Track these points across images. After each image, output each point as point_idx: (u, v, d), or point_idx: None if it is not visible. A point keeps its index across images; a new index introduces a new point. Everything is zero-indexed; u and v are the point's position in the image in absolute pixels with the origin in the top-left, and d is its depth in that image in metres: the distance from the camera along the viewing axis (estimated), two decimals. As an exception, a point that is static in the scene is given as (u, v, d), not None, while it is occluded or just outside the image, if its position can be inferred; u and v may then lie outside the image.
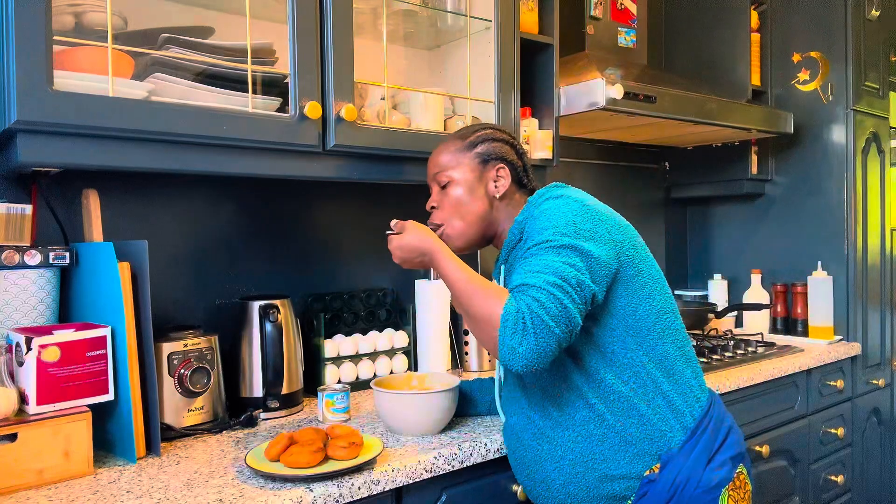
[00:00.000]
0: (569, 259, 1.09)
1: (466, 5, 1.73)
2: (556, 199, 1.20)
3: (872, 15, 2.51)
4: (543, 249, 1.11)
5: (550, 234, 1.12)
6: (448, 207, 1.31)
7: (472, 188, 1.31)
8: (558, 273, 1.07)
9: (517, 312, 1.04)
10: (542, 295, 1.04)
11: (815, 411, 2.26)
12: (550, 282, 1.06)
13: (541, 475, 1.19)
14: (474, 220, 1.31)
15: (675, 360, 1.18)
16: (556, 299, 1.05)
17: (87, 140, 1.14)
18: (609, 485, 1.13)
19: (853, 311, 2.44)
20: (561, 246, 1.11)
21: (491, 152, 1.31)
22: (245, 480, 1.10)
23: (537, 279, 1.07)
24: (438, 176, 1.33)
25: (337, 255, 1.85)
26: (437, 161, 1.33)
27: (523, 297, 1.05)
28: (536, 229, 1.16)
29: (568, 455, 1.16)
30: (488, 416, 1.47)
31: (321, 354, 1.66)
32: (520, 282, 1.08)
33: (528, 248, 1.15)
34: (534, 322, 1.03)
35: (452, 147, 1.33)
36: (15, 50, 1.05)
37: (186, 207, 1.59)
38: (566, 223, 1.14)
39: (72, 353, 1.16)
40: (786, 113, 2.41)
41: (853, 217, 2.45)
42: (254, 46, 1.35)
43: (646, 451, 1.13)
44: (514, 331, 1.03)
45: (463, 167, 1.31)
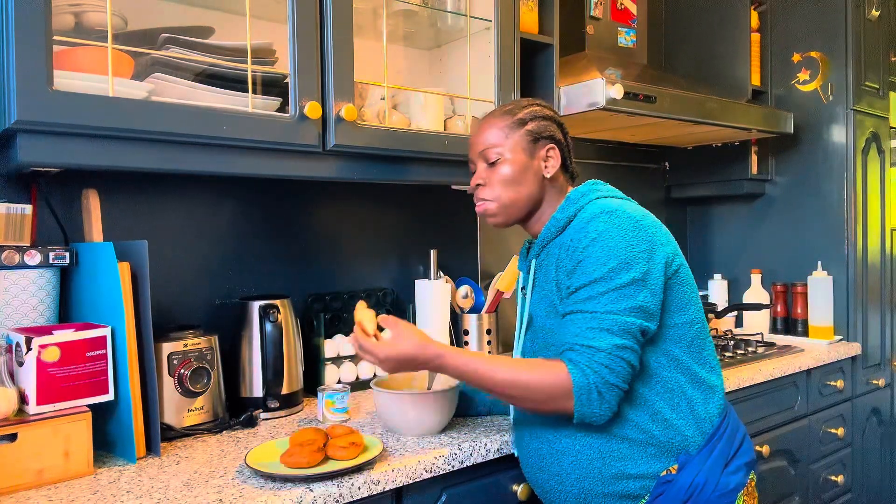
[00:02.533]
0: (632, 303, 1.10)
1: (466, 5, 1.73)
2: (608, 214, 1.15)
3: (872, 15, 2.51)
4: (607, 293, 1.10)
5: (611, 270, 1.11)
6: (497, 185, 1.26)
7: (524, 167, 1.25)
8: (626, 329, 1.09)
9: (587, 384, 1.07)
10: (609, 361, 1.08)
11: (815, 411, 2.26)
12: (619, 345, 1.08)
13: (556, 468, 1.19)
14: (524, 199, 1.27)
15: (700, 368, 1.19)
16: (624, 362, 1.09)
17: (87, 140, 1.14)
18: (625, 483, 1.13)
19: (853, 311, 2.44)
20: (625, 285, 1.10)
21: (541, 130, 1.27)
22: (245, 480, 1.10)
23: (604, 341, 1.08)
24: (486, 152, 1.27)
25: (337, 255, 1.85)
26: (485, 137, 1.27)
27: (591, 366, 1.07)
28: (593, 258, 1.12)
29: (586, 450, 1.15)
30: (488, 416, 1.47)
31: (321, 354, 1.66)
32: (586, 343, 1.09)
33: (587, 283, 1.12)
34: (607, 389, 1.08)
35: (501, 123, 1.27)
36: (15, 50, 1.05)
37: (186, 207, 1.59)
38: (624, 249, 1.12)
39: (72, 353, 1.16)
40: (786, 113, 2.41)
41: (853, 217, 2.45)
42: (254, 46, 1.35)
43: (664, 452, 1.14)
44: (590, 402, 1.08)
45: (514, 144, 1.25)
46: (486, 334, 1.95)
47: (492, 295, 1.99)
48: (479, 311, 1.97)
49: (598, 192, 1.24)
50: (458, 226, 2.12)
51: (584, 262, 1.13)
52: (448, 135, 1.62)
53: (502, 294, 1.99)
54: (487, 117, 1.30)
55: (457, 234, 2.11)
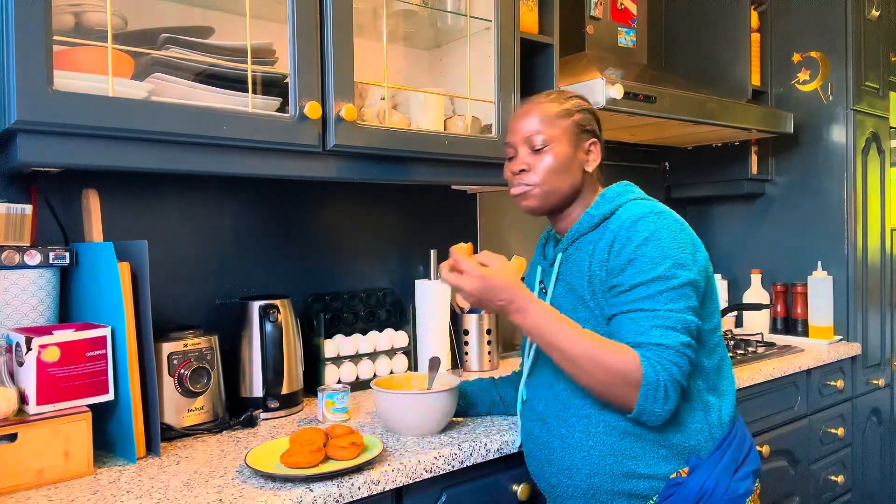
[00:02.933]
0: (689, 302, 1.12)
1: (466, 5, 1.73)
2: (657, 215, 1.16)
3: (872, 15, 2.51)
4: (665, 292, 1.11)
5: (667, 270, 1.11)
6: (542, 172, 1.24)
7: (570, 157, 1.25)
8: (687, 328, 1.11)
9: (657, 381, 1.07)
10: (678, 358, 1.09)
11: (815, 411, 2.26)
12: (685, 342, 1.10)
13: (566, 462, 1.18)
14: (566, 189, 1.25)
15: (717, 375, 1.20)
16: (688, 360, 1.10)
17: (87, 140, 1.14)
18: (634, 482, 1.13)
19: (853, 311, 2.44)
20: (681, 285, 1.11)
21: (585, 123, 1.27)
22: (245, 480, 1.10)
23: (673, 339, 1.09)
24: (533, 138, 1.24)
25: (337, 255, 1.85)
26: (533, 122, 1.25)
27: (662, 362, 1.08)
28: (647, 258, 1.12)
29: (599, 446, 1.15)
30: (488, 416, 1.47)
31: (321, 354, 1.66)
32: (654, 340, 1.09)
33: (643, 283, 1.11)
34: (674, 388, 1.08)
35: (550, 110, 1.25)
36: (15, 50, 1.05)
37: (186, 207, 1.59)
38: (677, 250, 1.13)
39: (72, 353, 1.16)
40: (786, 113, 2.41)
41: (853, 217, 2.45)
42: (254, 46, 1.35)
43: (676, 454, 1.14)
44: (655, 398, 1.08)
45: (562, 134, 1.24)
46: (487, 334, 1.95)
47: (492, 295, 1.98)
48: (479, 311, 1.97)
49: (634, 194, 1.25)
50: (458, 226, 2.12)
51: (637, 261, 1.12)
52: (448, 135, 1.62)
53: (502, 294, 1.98)
54: (532, 104, 1.28)
55: (457, 234, 2.11)
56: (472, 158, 1.65)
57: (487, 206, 2.19)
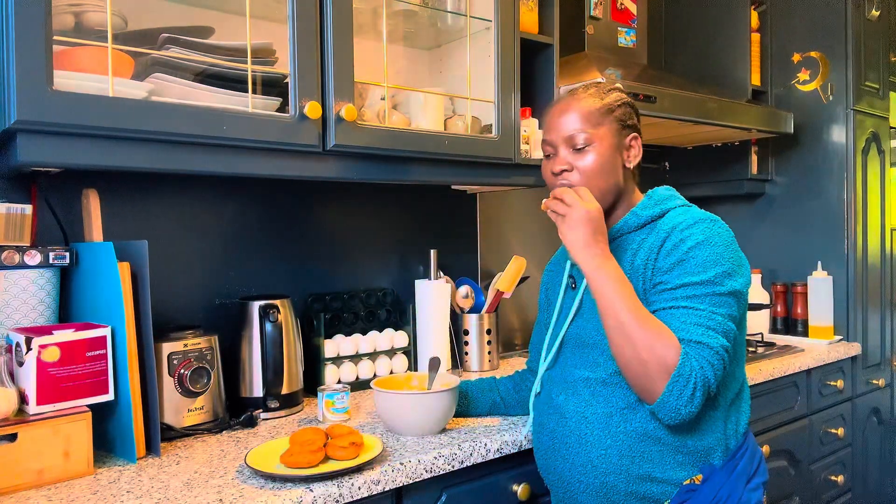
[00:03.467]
0: (731, 311, 1.11)
1: (466, 5, 1.73)
2: (712, 222, 1.16)
3: (872, 15, 2.51)
4: (710, 296, 1.10)
5: (716, 276, 1.10)
6: (586, 171, 1.20)
7: (613, 154, 1.21)
8: (728, 333, 1.10)
9: (690, 375, 1.05)
10: (716, 360, 1.07)
11: (815, 411, 2.26)
12: (724, 346, 1.08)
13: (582, 458, 1.17)
14: (611, 188, 1.22)
15: (736, 386, 1.20)
16: (724, 364, 1.09)
17: (87, 140, 1.14)
18: (648, 485, 1.13)
19: (853, 311, 2.44)
20: (727, 293, 1.11)
21: (627, 118, 1.23)
22: (245, 480, 1.10)
23: (715, 340, 1.08)
24: (575, 136, 1.20)
25: (337, 255, 1.85)
26: (573, 121, 1.21)
27: (699, 360, 1.06)
28: (698, 260, 1.11)
29: (617, 446, 1.14)
30: (488, 416, 1.47)
31: (321, 354, 1.66)
32: (695, 338, 1.07)
33: (690, 283, 1.10)
34: (703, 390, 1.06)
35: (591, 106, 1.21)
36: (15, 50, 1.05)
37: (186, 207, 1.59)
38: (729, 260, 1.12)
39: (72, 353, 1.16)
40: (786, 113, 2.41)
41: (853, 217, 2.45)
42: (254, 46, 1.35)
43: (692, 461, 1.13)
44: (681, 395, 1.05)
45: (605, 132, 1.21)
46: (486, 334, 1.95)
47: (492, 295, 1.99)
48: (479, 311, 1.97)
49: (681, 200, 1.24)
50: (458, 226, 2.12)
51: (687, 262, 1.12)
52: (448, 135, 1.62)
53: (502, 294, 1.99)
54: (572, 100, 1.23)
55: (457, 234, 2.11)
56: (472, 158, 1.65)
57: (487, 206, 2.19)
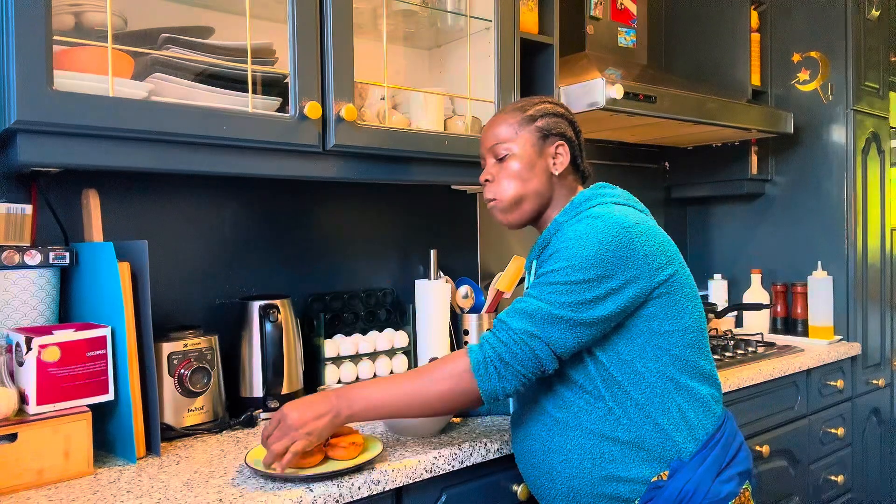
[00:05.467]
0: (577, 297, 1.10)
1: (466, 5, 1.73)
2: (593, 219, 1.15)
3: (872, 15, 2.51)
4: (553, 284, 1.10)
5: (568, 266, 1.10)
6: (504, 181, 1.27)
7: (532, 163, 1.26)
8: (546, 320, 1.09)
9: (485, 360, 1.09)
10: (513, 343, 1.09)
11: (815, 411, 2.26)
12: (530, 332, 1.09)
13: (546, 466, 1.18)
14: (531, 195, 1.26)
15: (692, 377, 1.17)
16: (529, 349, 1.09)
17: (87, 140, 1.14)
18: (614, 485, 1.13)
19: (853, 311, 2.44)
20: (574, 282, 1.09)
21: (551, 127, 1.27)
22: (245, 480, 1.10)
23: (517, 323, 1.10)
24: (496, 148, 1.27)
25: (337, 255, 1.85)
26: (495, 132, 1.28)
27: (491, 341, 1.10)
28: (559, 254, 1.13)
29: (577, 450, 1.15)
30: (488, 416, 1.47)
31: (321, 354, 1.66)
32: (501, 318, 1.11)
33: (542, 275, 1.13)
34: (505, 368, 1.09)
35: (511, 119, 1.27)
36: (15, 50, 1.05)
37: (186, 207, 1.59)
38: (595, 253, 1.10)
39: (72, 353, 1.16)
40: (786, 113, 2.41)
41: (853, 217, 2.45)
42: (254, 46, 1.35)
43: (656, 457, 1.12)
44: (488, 375, 1.09)
45: (523, 140, 1.26)
46: (486, 334, 1.94)
47: (492, 295, 1.99)
48: (479, 311, 1.97)
49: (602, 198, 1.23)
50: (458, 226, 2.12)
51: (551, 258, 1.14)
52: (448, 135, 1.62)
53: (502, 294, 1.99)
54: (498, 114, 1.30)
55: (457, 234, 2.11)
56: (472, 158, 1.65)
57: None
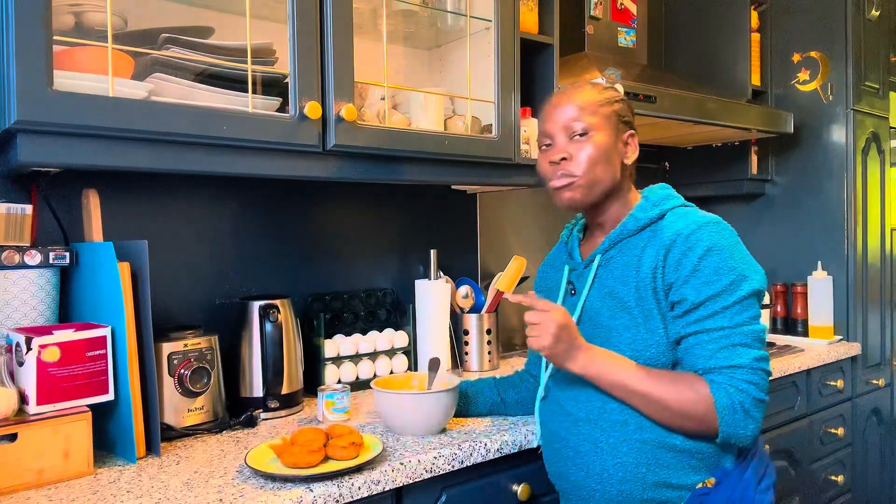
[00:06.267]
0: (755, 310, 1.11)
1: (466, 5, 1.73)
2: (715, 224, 1.14)
3: (872, 15, 2.51)
4: (731, 306, 1.09)
5: (731, 283, 1.09)
6: (584, 161, 1.19)
7: (611, 146, 1.20)
8: (757, 338, 1.10)
9: (733, 405, 1.06)
10: (752, 376, 1.07)
11: (815, 411, 2.26)
12: (757, 357, 1.08)
13: (598, 467, 1.15)
14: (608, 180, 1.21)
15: None
16: (764, 373, 1.09)
17: (87, 140, 1.14)
18: (663, 491, 1.12)
19: (853, 311, 2.44)
20: (747, 295, 1.10)
21: (625, 114, 1.24)
22: (245, 480, 1.10)
23: (745, 356, 1.08)
24: (574, 124, 1.19)
25: (337, 255, 1.85)
26: (573, 108, 1.20)
27: (734, 384, 1.07)
28: (710, 270, 1.10)
29: (633, 454, 1.13)
30: (488, 416, 1.47)
31: (321, 354, 1.66)
32: (724, 363, 1.08)
33: (709, 298, 1.09)
34: (754, 405, 1.07)
35: (590, 98, 1.21)
36: (15, 50, 1.05)
37: (186, 207, 1.59)
38: (739, 261, 1.11)
39: (72, 353, 1.16)
40: (786, 113, 2.41)
41: (853, 217, 2.45)
42: (254, 46, 1.35)
43: (703, 465, 1.13)
44: (735, 422, 1.07)
45: (604, 121, 1.20)
46: (486, 334, 1.95)
47: (492, 295, 1.99)
48: (479, 311, 1.97)
49: (679, 199, 1.23)
50: (458, 226, 2.12)
51: (700, 273, 1.10)
52: (448, 135, 1.62)
53: (502, 294, 1.99)
54: (571, 91, 1.23)
55: (457, 234, 2.11)
56: (472, 158, 1.65)
57: (487, 206, 2.19)
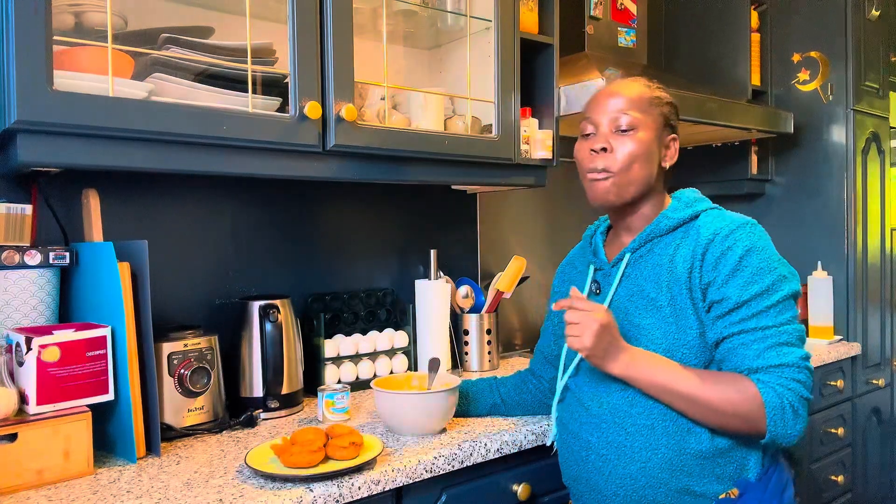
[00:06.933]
0: (794, 312, 1.11)
1: (466, 5, 1.73)
2: (751, 226, 1.14)
3: (872, 15, 2.51)
4: (773, 306, 1.09)
5: (773, 283, 1.10)
6: (624, 156, 1.16)
7: (652, 146, 1.18)
8: (802, 336, 1.10)
9: (781, 404, 1.05)
10: (799, 374, 1.07)
11: (815, 411, 2.26)
12: (802, 356, 1.08)
13: (621, 471, 1.14)
14: (644, 180, 1.18)
15: None
16: (809, 372, 1.09)
17: (87, 140, 1.14)
18: (687, 498, 1.11)
19: (853, 311, 2.44)
20: (786, 297, 1.10)
21: (671, 117, 1.22)
22: (245, 480, 1.10)
23: (791, 354, 1.07)
24: (621, 118, 1.17)
25: (337, 255, 1.85)
26: (624, 101, 1.18)
27: (782, 383, 1.06)
28: (751, 270, 1.09)
29: (657, 459, 1.12)
30: (488, 416, 1.47)
31: (321, 354, 1.66)
32: (773, 362, 1.07)
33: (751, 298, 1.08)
34: (802, 404, 1.07)
35: (641, 93, 1.19)
36: (15, 50, 1.05)
37: (186, 207, 1.59)
38: (778, 262, 1.12)
39: (72, 353, 1.16)
40: (786, 113, 2.41)
41: (853, 217, 2.45)
42: (254, 46, 1.35)
43: (728, 474, 1.12)
44: (784, 421, 1.06)
45: (651, 120, 1.18)
46: (487, 334, 1.95)
47: (492, 295, 1.99)
48: (479, 311, 1.97)
49: (709, 202, 1.22)
50: (458, 226, 2.12)
51: (742, 272, 1.10)
52: (448, 135, 1.62)
53: (502, 294, 1.99)
54: (623, 84, 1.21)
55: (457, 234, 2.11)
56: (472, 158, 1.65)
57: (487, 206, 2.19)
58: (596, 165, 1.19)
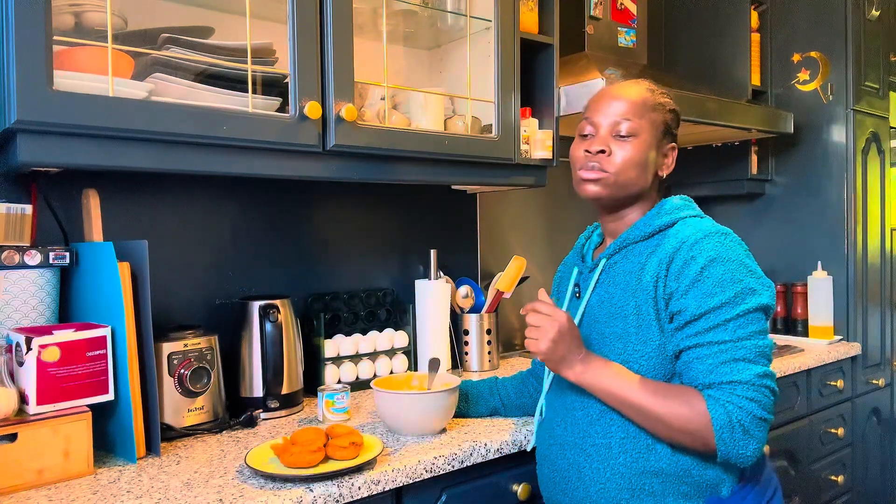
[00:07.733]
0: (759, 326, 1.05)
1: (466, 5, 1.73)
2: (723, 235, 1.10)
3: (872, 15, 2.51)
4: (733, 319, 1.04)
5: (735, 295, 1.05)
6: (623, 161, 1.15)
7: (651, 154, 1.17)
8: (761, 354, 1.04)
9: (731, 423, 1.00)
10: (754, 393, 1.01)
11: (815, 411, 2.26)
12: (760, 373, 1.02)
13: (581, 493, 1.13)
14: (638, 186, 1.17)
15: None
16: (768, 390, 1.03)
17: (87, 140, 1.14)
18: None
19: (853, 311, 2.44)
20: (754, 309, 1.05)
21: (673, 126, 1.20)
22: (245, 480, 1.10)
23: (746, 371, 1.02)
24: (621, 122, 1.16)
25: (337, 255, 1.85)
26: (626, 107, 1.16)
27: (733, 401, 1.01)
28: (713, 280, 1.05)
29: (616, 479, 1.09)
30: (488, 416, 1.47)
31: (321, 354, 1.66)
32: (724, 378, 1.02)
33: (711, 310, 1.04)
34: (755, 424, 1.01)
35: (646, 100, 1.17)
36: (15, 50, 1.05)
37: (186, 207, 1.59)
38: (747, 274, 1.07)
39: (72, 353, 1.16)
40: (786, 113, 2.41)
41: (853, 217, 2.45)
42: (254, 46, 1.35)
43: (695, 492, 1.08)
44: (734, 441, 1.01)
45: (650, 127, 1.17)
46: (487, 334, 1.95)
47: (492, 295, 1.99)
48: (479, 311, 1.97)
49: (693, 210, 1.19)
50: (458, 226, 2.12)
51: (702, 283, 1.06)
52: (448, 135, 1.62)
53: (502, 294, 1.99)
54: (627, 87, 1.20)
55: (457, 234, 2.11)
56: (472, 158, 1.65)
57: (487, 206, 2.19)
58: (591, 166, 1.18)
